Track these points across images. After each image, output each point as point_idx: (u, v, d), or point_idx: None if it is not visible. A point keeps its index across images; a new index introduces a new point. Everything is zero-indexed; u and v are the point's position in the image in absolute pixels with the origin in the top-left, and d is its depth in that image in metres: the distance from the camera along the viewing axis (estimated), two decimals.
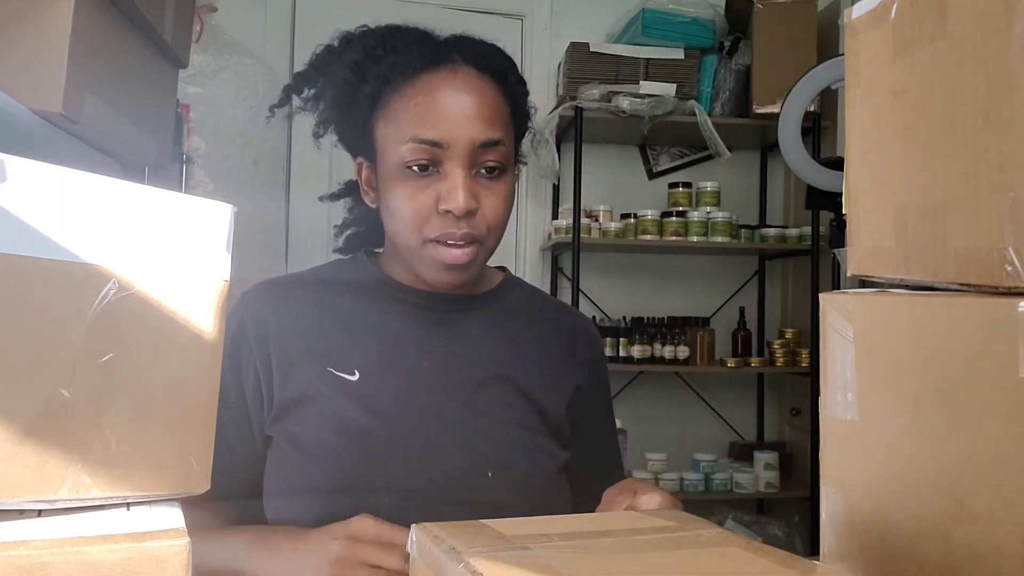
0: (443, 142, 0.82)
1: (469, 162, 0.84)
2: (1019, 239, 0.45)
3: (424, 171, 0.83)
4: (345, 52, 0.90)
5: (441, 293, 0.92)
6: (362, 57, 0.87)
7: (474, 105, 0.84)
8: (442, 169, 0.84)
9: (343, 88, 0.88)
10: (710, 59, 2.84)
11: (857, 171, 0.60)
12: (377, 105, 0.87)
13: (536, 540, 0.49)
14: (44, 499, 0.41)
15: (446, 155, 0.83)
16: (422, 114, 0.83)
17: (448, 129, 0.83)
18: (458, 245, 0.84)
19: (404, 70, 0.85)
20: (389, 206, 0.87)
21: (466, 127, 0.83)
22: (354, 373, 0.87)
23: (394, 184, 0.85)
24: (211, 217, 0.47)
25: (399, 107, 0.85)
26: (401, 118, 0.85)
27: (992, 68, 0.47)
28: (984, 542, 0.46)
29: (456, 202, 0.82)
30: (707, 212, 2.83)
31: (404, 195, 0.84)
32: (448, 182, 0.83)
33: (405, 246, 0.87)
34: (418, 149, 0.83)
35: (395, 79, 0.85)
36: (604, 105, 2.70)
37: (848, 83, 0.61)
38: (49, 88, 0.70)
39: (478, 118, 0.84)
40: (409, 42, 0.88)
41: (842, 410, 0.58)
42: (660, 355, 2.84)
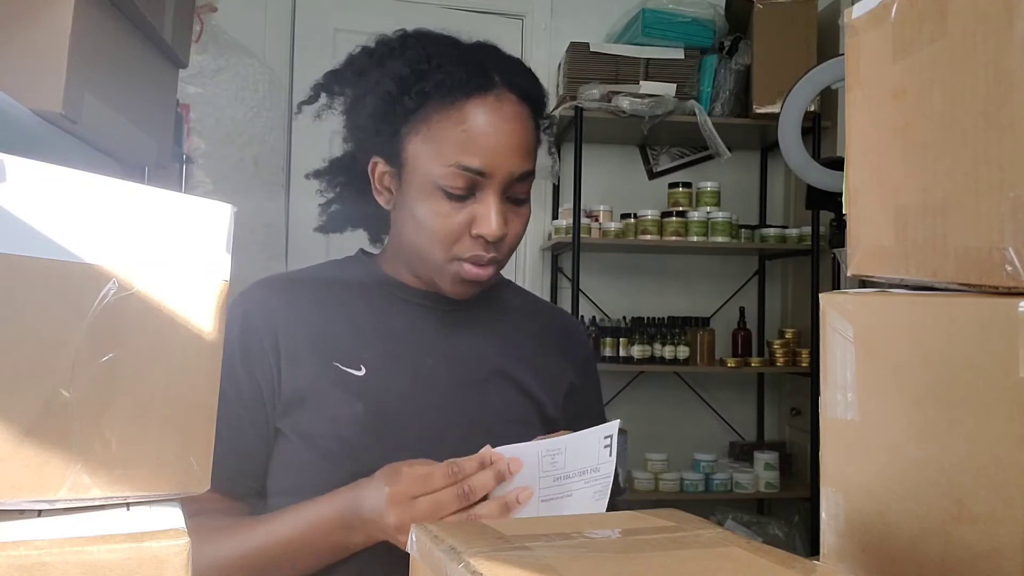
0: (486, 171, 0.85)
1: (504, 191, 0.87)
2: (1019, 239, 0.45)
3: (460, 196, 0.86)
4: (387, 60, 0.91)
5: (442, 294, 0.94)
6: (407, 71, 0.88)
7: (516, 137, 0.87)
8: (478, 194, 0.86)
9: (383, 97, 0.88)
10: (710, 59, 2.84)
11: (857, 171, 0.60)
12: (414, 119, 0.88)
13: (536, 540, 0.49)
14: (44, 499, 0.41)
15: (484, 183, 0.86)
16: (468, 141, 0.85)
17: (491, 160, 0.85)
18: (483, 265, 0.88)
19: (450, 91, 0.86)
20: (417, 218, 0.88)
21: (507, 159, 0.86)
22: (360, 368, 0.89)
23: (426, 199, 0.87)
24: (211, 217, 0.47)
25: (442, 128, 0.86)
26: (443, 140, 0.85)
27: (992, 68, 0.47)
28: (984, 542, 0.46)
29: (491, 229, 0.85)
30: (707, 212, 2.83)
31: (437, 213, 0.86)
32: (483, 208, 0.86)
33: (428, 259, 0.89)
34: (460, 175, 0.85)
35: (440, 98, 0.86)
36: (604, 105, 2.70)
37: (848, 83, 0.61)
38: (49, 88, 0.70)
39: (517, 150, 0.87)
40: (455, 60, 0.88)
41: (842, 410, 0.58)
42: (660, 355, 2.84)
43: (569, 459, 0.78)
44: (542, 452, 0.78)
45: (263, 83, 2.33)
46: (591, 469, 0.79)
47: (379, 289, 0.96)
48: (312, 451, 0.86)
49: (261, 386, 0.88)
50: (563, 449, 0.78)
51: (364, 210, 1.01)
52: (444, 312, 0.95)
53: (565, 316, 1.13)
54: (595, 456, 0.79)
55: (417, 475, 0.77)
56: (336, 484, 0.83)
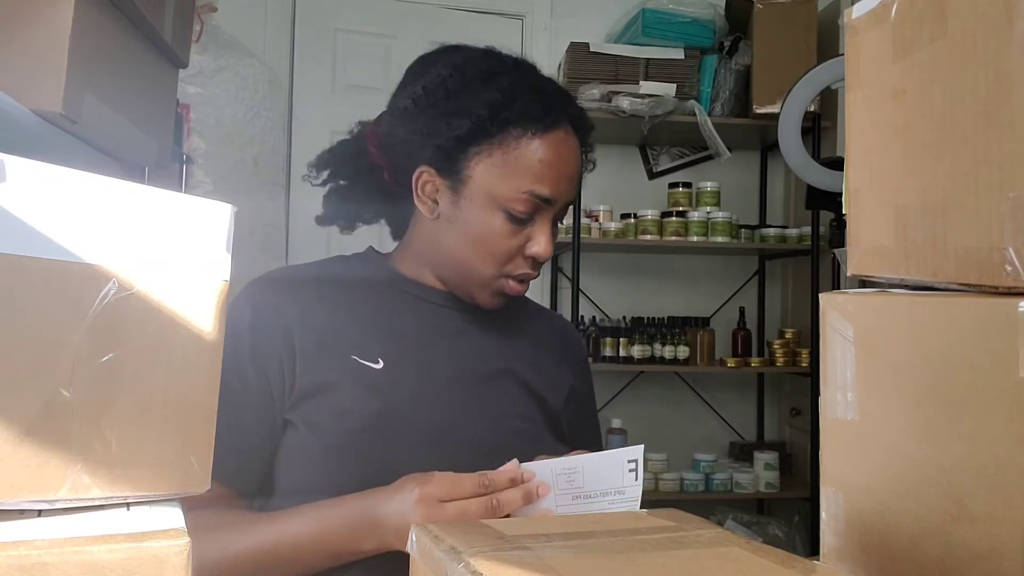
0: (552, 199, 0.91)
1: (556, 215, 0.94)
2: (1019, 239, 0.45)
3: (523, 217, 0.91)
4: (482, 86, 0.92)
5: (452, 293, 0.98)
6: (499, 98, 0.91)
7: (575, 169, 0.95)
8: (536, 218, 0.92)
9: (472, 119, 0.91)
10: (710, 59, 2.84)
11: (857, 171, 0.60)
12: (490, 141, 0.91)
13: (536, 540, 0.49)
14: (44, 499, 0.41)
15: (546, 209, 0.92)
16: (542, 172, 0.90)
17: (558, 190, 0.92)
18: (525, 281, 0.95)
19: (533, 123, 0.91)
20: (471, 234, 0.92)
21: (568, 189, 0.93)
22: (378, 362, 0.91)
23: (487, 218, 0.91)
24: (211, 217, 0.47)
25: (519, 155, 0.90)
26: (519, 166, 0.90)
27: (992, 68, 0.47)
28: (984, 542, 0.46)
29: (543, 249, 0.92)
30: (707, 212, 2.83)
31: (498, 233, 0.91)
32: (539, 231, 0.92)
33: (474, 272, 0.93)
34: (530, 201, 0.90)
35: (521, 127, 0.91)
36: (604, 105, 2.70)
37: (848, 83, 0.61)
38: (49, 88, 0.70)
39: (574, 180, 0.95)
40: (534, 90, 0.93)
41: (842, 410, 0.58)
42: (660, 355, 2.84)
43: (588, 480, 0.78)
44: (557, 470, 0.79)
45: (263, 83, 2.33)
46: (615, 491, 0.79)
47: (392, 286, 0.98)
48: (324, 442, 0.87)
49: (270, 380, 0.89)
50: (580, 469, 0.79)
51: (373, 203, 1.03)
52: (455, 311, 0.98)
53: (563, 320, 1.18)
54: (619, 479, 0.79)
55: (449, 480, 0.77)
56: (346, 476, 0.84)
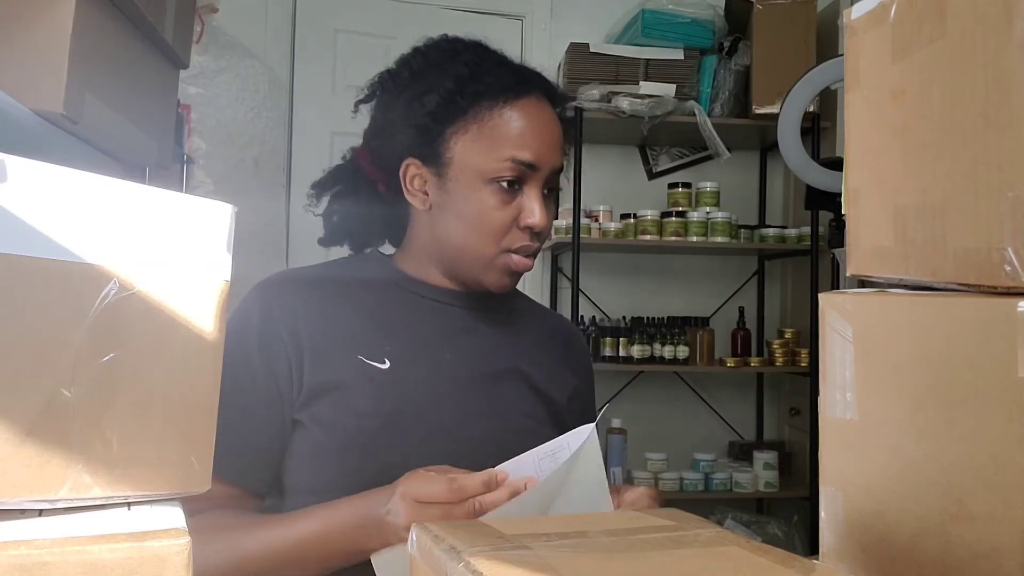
0: (535, 163, 0.91)
1: (545, 184, 0.94)
2: (1018, 239, 0.45)
3: (510, 187, 0.91)
4: (444, 62, 0.95)
5: (457, 291, 0.98)
6: (465, 71, 0.93)
7: (556, 134, 0.95)
8: (524, 188, 0.92)
9: (443, 96, 0.92)
10: (710, 59, 2.84)
11: (857, 171, 0.60)
12: (464, 118, 0.92)
13: (536, 540, 0.50)
14: (45, 499, 0.41)
15: (531, 176, 0.92)
16: (521, 136, 0.91)
17: (539, 153, 0.92)
18: (528, 256, 0.94)
19: (503, 92, 0.92)
20: (463, 214, 0.92)
21: (552, 154, 0.94)
22: (385, 362, 0.91)
23: (475, 195, 0.92)
24: (211, 217, 0.47)
25: (495, 125, 0.92)
26: (497, 136, 0.91)
27: (992, 68, 0.47)
28: (983, 541, 0.46)
29: (538, 218, 0.92)
30: (707, 212, 2.83)
31: (489, 207, 0.91)
32: (530, 200, 0.92)
33: (476, 253, 0.93)
34: (513, 167, 0.91)
35: (492, 98, 0.92)
36: (604, 105, 2.71)
37: (848, 84, 0.61)
38: (50, 88, 0.70)
39: (557, 146, 0.95)
40: (499, 63, 0.96)
41: (841, 410, 0.58)
42: (660, 355, 2.84)
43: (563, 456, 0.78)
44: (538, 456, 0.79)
45: (264, 83, 2.33)
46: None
47: (397, 286, 0.98)
48: (331, 442, 0.87)
49: (279, 380, 0.89)
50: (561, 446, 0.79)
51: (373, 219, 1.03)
52: (462, 309, 0.98)
53: (567, 322, 1.19)
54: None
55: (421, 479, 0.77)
56: (355, 475, 0.84)
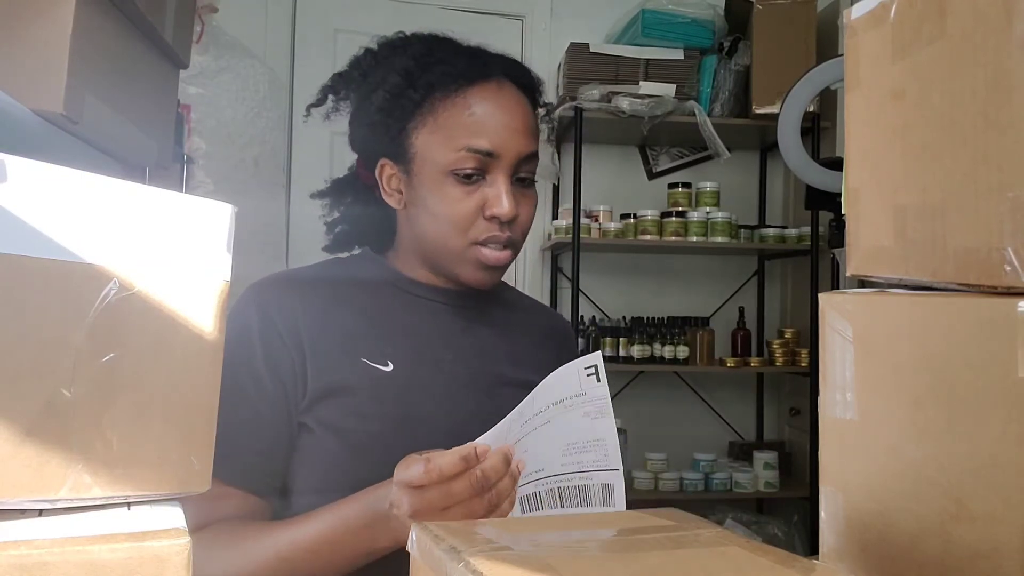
0: (494, 151, 0.88)
1: (511, 172, 0.90)
2: (1018, 239, 0.45)
3: (470, 178, 0.89)
4: (391, 57, 0.94)
5: (453, 290, 0.97)
6: (412, 63, 0.91)
7: (519, 119, 0.91)
8: (488, 177, 0.89)
9: (391, 91, 0.91)
10: (710, 59, 2.84)
11: (857, 171, 0.60)
12: (420, 112, 0.91)
13: (536, 540, 0.50)
14: (45, 499, 0.41)
15: (494, 164, 0.89)
16: (475, 124, 0.88)
17: (498, 140, 0.88)
18: (500, 248, 0.91)
19: (455, 80, 0.90)
20: (430, 209, 0.90)
21: (513, 139, 0.89)
22: (387, 364, 0.90)
23: (438, 188, 0.89)
24: (211, 217, 0.47)
25: (449, 115, 0.89)
26: (451, 126, 0.89)
27: (991, 69, 0.47)
28: (983, 541, 0.46)
29: (503, 208, 0.88)
30: (707, 212, 2.83)
31: (451, 199, 0.89)
32: (494, 189, 0.89)
33: (445, 248, 0.91)
34: (470, 157, 0.88)
35: (445, 88, 0.90)
36: (604, 105, 2.71)
37: (848, 84, 0.61)
38: (50, 88, 0.70)
39: (521, 131, 0.90)
40: (455, 53, 0.93)
41: (841, 410, 0.58)
42: (660, 355, 2.84)
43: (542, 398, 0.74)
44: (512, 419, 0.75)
45: (264, 83, 2.33)
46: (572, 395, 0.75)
47: (394, 286, 0.97)
48: (338, 445, 0.86)
49: (284, 382, 0.88)
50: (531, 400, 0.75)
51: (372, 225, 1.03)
52: (458, 308, 0.98)
53: (561, 318, 1.18)
54: (576, 386, 0.75)
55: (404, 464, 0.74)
56: (361, 478, 0.83)
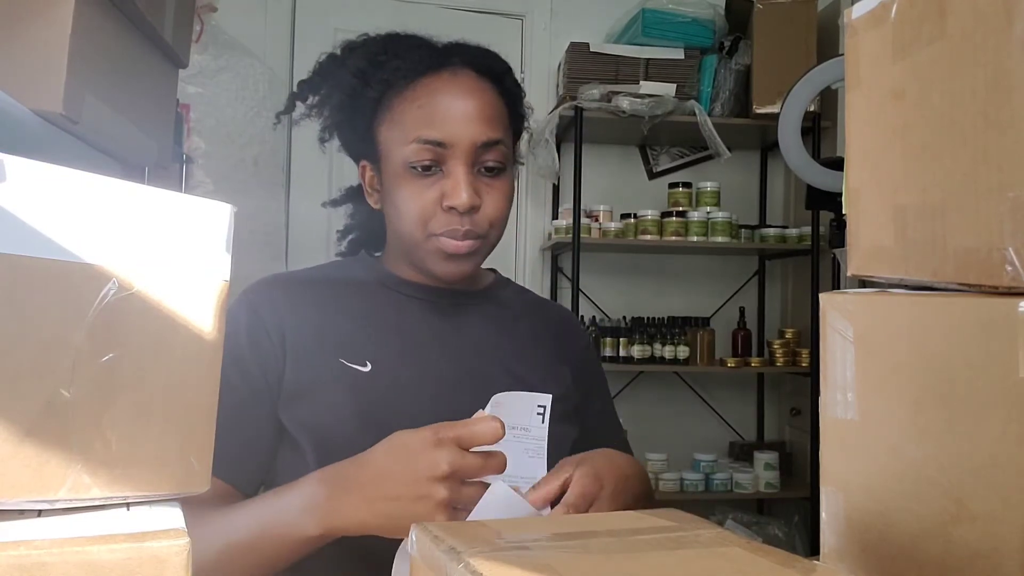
0: (446, 142, 0.86)
1: (471, 161, 0.88)
2: (1019, 239, 0.45)
3: (427, 170, 0.87)
4: (349, 59, 0.94)
5: (444, 289, 0.96)
6: (366, 63, 0.91)
7: (475, 106, 0.88)
8: (445, 168, 0.87)
9: (348, 93, 0.91)
10: (710, 59, 2.84)
11: (857, 171, 0.60)
12: (380, 109, 0.91)
13: (536, 540, 0.49)
14: (44, 499, 0.41)
15: (449, 154, 0.87)
16: (425, 115, 0.87)
17: (451, 129, 0.86)
18: (460, 238, 0.88)
19: (406, 74, 0.88)
20: (395, 204, 0.90)
21: (468, 127, 0.87)
22: (366, 364, 0.90)
23: (399, 183, 0.89)
24: (211, 217, 0.47)
25: (402, 109, 0.88)
26: (405, 120, 0.88)
27: (992, 68, 0.47)
28: (984, 541, 0.46)
29: (460, 199, 0.86)
30: (707, 212, 2.83)
31: (409, 193, 0.88)
32: (451, 180, 0.87)
33: (410, 241, 0.90)
34: (422, 149, 0.86)
35: (398, 83, 0.89)
36: (604, 105, 2.71)
37: (848, 83, 0.61)
38: (49, 88, 0.70)
39: (479, 119, 0.88)
40: (410, 47, 0.91)
41: (842, 410, 0.58)
42: (660, 355, 2.84)
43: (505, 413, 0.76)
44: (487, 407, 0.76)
45: (263, 83, 2.33)
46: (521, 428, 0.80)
47: (383, 286, 0.97)
48: (313, 446, 0.86)
49: (267, 377, 0.88)
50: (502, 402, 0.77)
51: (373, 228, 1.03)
52: (448, 307, 0.97)
53: (560, 310, 1.16)
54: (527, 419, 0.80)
55: None
56: None
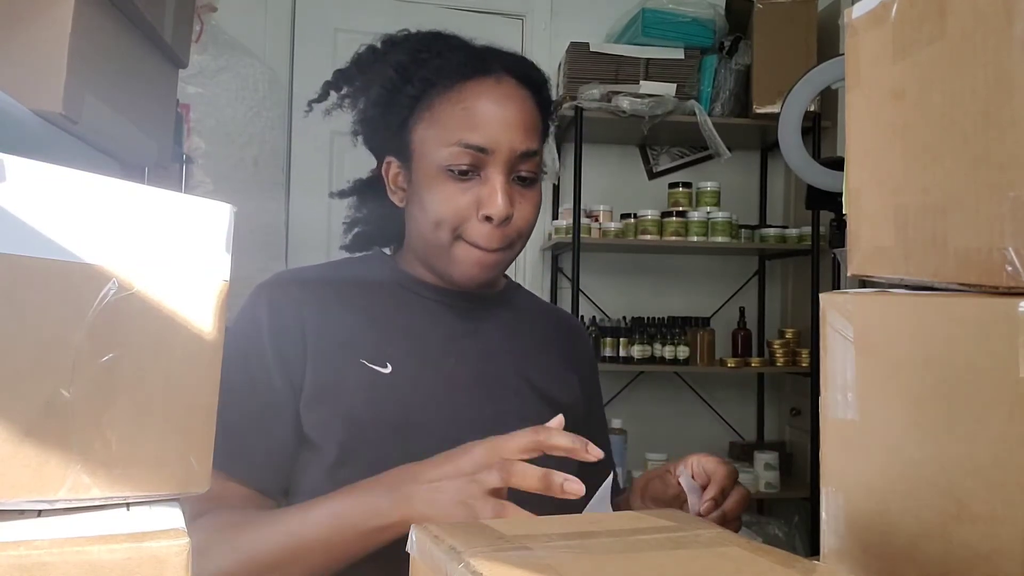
0: (488, 148, 0.86)
1: (509, 169, 0.87)
2: (1019, 239, 0.45)
3: (464, 175, 0.86)
4: (390, 53, 0.93)
5: (461, 292, 0.95)
6: (408, 59, 0.90)
7: (517, 115, 0.88)
8: (483, 174, 0.87)
9: (386, 87, 0.91)
10: (710, 59, 2.84)
11: (857, 171, 0.60)
12: (418, 107, 0.90)
13: (536, 540, 0.49)
14: (44, 499, 0.41)
15: (489, 161, 0.86)
16: (469, 119, 0.86)
17: (493, 136, 0.86)
18: (492, 251, 0.88)
19: (450, 75, 0.88)
20: (425, 205, 0.89)
21: (509, 135, 0.86)
22: (386, 366, 0.89)
23: (432, 184, 0.88)
24: (211, 217, 0.47)
25: (444, 110, 0.87)
26: (446, 121, 0.87)
27: (992, 68, 0.47)
28: (984, 542, 0.46)
29: (497, 208, 0.86)
30: (707, 212, 2.83)
31: (444, 196, 0.87)
32: (489, 187, 0.86)
33: (436, 243, 0.89)
34: (463, 153, 0.85)
35: (440, 83, 0.88)
36: (604, 105, 2.70)
37: (848, 83, 0.61)
38: (49, 88, 0.70)
39: (520, 127, 0.87)
40: (453, 48, 0.91)
41: (842, 410, 0.58)
42: (660, 355, 2.83)
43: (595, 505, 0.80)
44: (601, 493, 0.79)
45: (263, 83, 2.33)
46: None
47: (400, 287, 0.96)
48: (334, 448, 0.85)
49: (291, 379, 0.87)
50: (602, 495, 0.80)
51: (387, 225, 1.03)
52: (463, 310, 0.96)
53: (570, 318, 1.16)
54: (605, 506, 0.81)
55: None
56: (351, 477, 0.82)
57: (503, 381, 0.94)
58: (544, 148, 0.98)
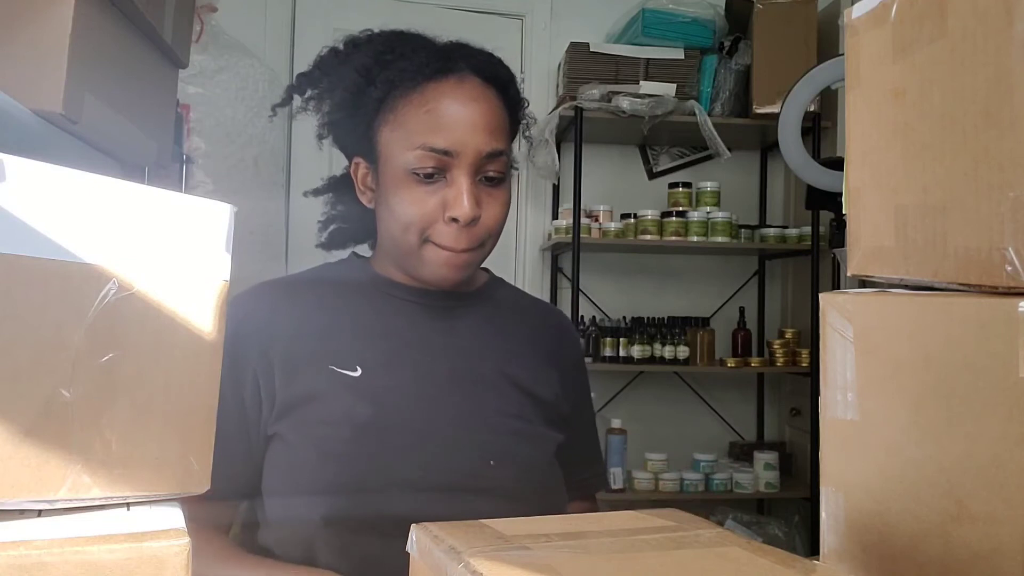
0: (452, 150, 0.85)
1: (474, 171, 0.86)
2: (1019, 239, 0.45)
3: (430, 178, 0.86)
4: (352, 55, 0.92)
5: (436, 291, 0.94)
6: (371, 61, 0.89)
7: (481, 115, 0.87)
8: (448, 176, 0.86)
9: (349, 90, 0.90)
10: (710, 59, 2.84)
11: (857, 171, 0.60)
12: (382, 108, 0.89)
13: (536, 540, 0.49)
14: (44, 499, 0.41)
15: (453, 163, 0.85)
16: (432, 122, 0.85)
17: (458, 138, 0.85)
18: (459, 252, 0.87)
19: (413, 76, 0.87)
20: (391, 208, 0.88)
21: (474, 137, 0.85)
22: (356, 369, 0.88)
23: (398, 187, 0.87)
24: (211, 217, 0.47)
25: (407, 113, 0.87)
26: (410, 124, 0.86)
27: (992, 68, 0.47)
28: (984, 542, 0.46)
29: (463, 210, 0.85)
30: (707, 212, 2.83)
31: (410, 199, 0.86)
32: (454, 189, 0.85)
33: (405, 246, 0.89)
34: (427, 156, 0.85)
35: (403, 84, 0.87)
36: (604, 105, 2.70)
37: (848, 83, 0.61)
38: (49, 88, 0.70)
39: (484, 128, 0.86)
40: (416, 48, 0.89)
41: (842, 410, 0.58)
42: (660, 355, 2.83)
43: None
44: None
45: (263, 83, 2.33)
46: None
47: (373, 289, 0.96)
48: (307, 452, 0.85)
49: (244, 399, 0.87)
50: None
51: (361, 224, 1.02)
52: (439, 309, 0.95)
53: (559, 315, 1.14)
54: None
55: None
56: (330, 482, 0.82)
57: (481, 377, 0.93)
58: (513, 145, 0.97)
